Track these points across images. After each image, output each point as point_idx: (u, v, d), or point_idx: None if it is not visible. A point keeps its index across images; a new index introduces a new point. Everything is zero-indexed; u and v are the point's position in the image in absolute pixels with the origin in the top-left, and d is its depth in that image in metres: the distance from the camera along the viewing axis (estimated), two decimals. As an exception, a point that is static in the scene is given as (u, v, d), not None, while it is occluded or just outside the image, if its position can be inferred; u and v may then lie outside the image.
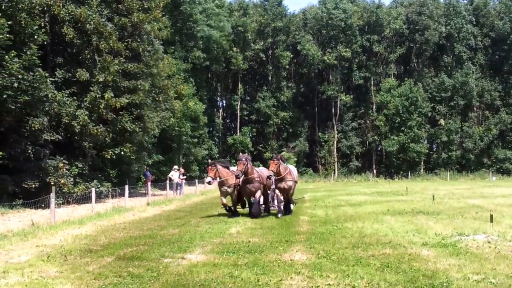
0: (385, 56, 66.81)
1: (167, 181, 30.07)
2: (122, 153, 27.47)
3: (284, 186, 15.98)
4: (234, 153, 59.27)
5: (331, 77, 66.70)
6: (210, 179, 15.93)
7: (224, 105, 70.39)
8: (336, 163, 64.56)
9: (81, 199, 22.49)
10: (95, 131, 24.96)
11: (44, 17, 24.74)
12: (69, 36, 24.62)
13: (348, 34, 63.96)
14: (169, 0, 37.86)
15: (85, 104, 25.15)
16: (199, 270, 7.85)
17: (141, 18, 28.34)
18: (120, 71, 26.81)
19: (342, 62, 64.91)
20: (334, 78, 66.05)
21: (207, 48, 53.13)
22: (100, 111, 25.58)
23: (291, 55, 65.25)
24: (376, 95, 65.42)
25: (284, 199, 16.42)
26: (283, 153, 58.48)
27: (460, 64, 66.32)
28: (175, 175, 31.75)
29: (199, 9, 51.12)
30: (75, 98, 24.77)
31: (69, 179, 23.37)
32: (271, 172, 15.54)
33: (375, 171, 63.86)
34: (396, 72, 68.86)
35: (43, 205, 18.66)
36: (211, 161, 16.77)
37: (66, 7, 24.83)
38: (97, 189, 23.82)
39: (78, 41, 25.35)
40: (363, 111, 66.58)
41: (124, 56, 27.44)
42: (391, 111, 61.54)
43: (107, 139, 26.29)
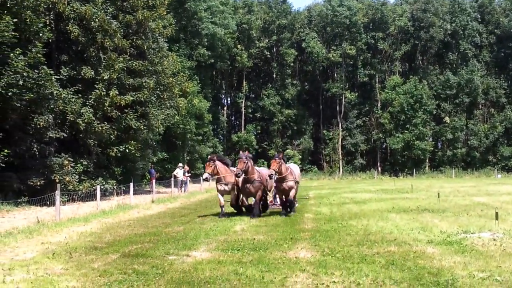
0: (390, 54, 66.69)
1: (172, 179, 30.09)
2: (127, 150, 27.53)
3: (285, 187, 15.29)
4: (239, 151, 59.02)
5: (335, 74, 66.68)
6: (207, 175, 15.05)
7: (229, 102, 70.50)
8: (340, 160, 64.54)
9: (86, 197, 22.53)
10: (100, 128, 25.03)
11: (49, 14, 24.77)
12: (74, 33, 24.66)
13: (353, 31, 63.89)
14: (174, -2, 37.92)
15: (90, 101, 25.20)
16: (204, 267, 7.85)
17: (145, 15, 28.38)
18: (125, 68, 26.85)
19: (346, 59, 64.85)
20: (338, 75, 66.00)
21: (211, 45, 53.11)
22: (105, 108, 25.63)
23: (296, 53, 65.27)
24: (381, 93, 65.32)
25: (284, 200, 15.75)
26: (287, 150, 58.57)
27: (465, 62, 66.18)
28: (179, 172, 31.80)
29: (204, 7, 51.18)
30: (80, 95, 24.83)
31: (74, 176, 23.41)
32: (271, 171, 14.71)
33: (379, 168, 63.71)
34: (401, 70, 68.84)
35: (48, 202, 18.71)
36: (211, 155, 15.87)
37: (71, 4, 24.86)
38: (102, 187, 23.84)
39: (83, 38, 25.36)
40: (367, 108, 66.50)
41: (128, 54, 27.52)
42: (396, 108, 61.39)
43: (112, 136, 26.36)
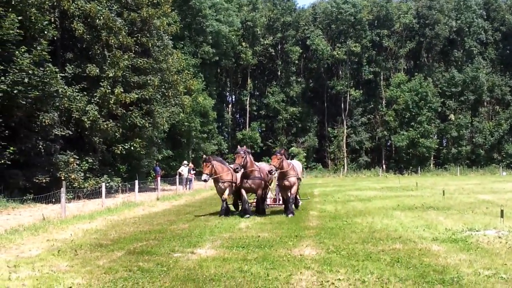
0: (394, 51, 66.42)
1: (177, 176, 30.14)
2: (132, 148, 27.63)
3: (286, 184, 14.90)
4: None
5: (340, 72, 66.50)
6: (206, 176, 14.81)
7: (234, 100, 70.43)
8: (345, 158, 64.42)
9: (91, 194, 22.63)
10: (105, 126, 25.12)
11: (54, 12, 24.86)
12: (79, 31, 24.73)
13: (357, 28, 63.65)
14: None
15: (95, 99, 25.30)
16: (209, 264, 7.86)
17: (150, 13, 28.40)
18: (130, 66, 26.92)
19: (351, 57, 64.61)
20: (343, 73, 65.81)
21: (216, 43, 53.06)
22: (110, 106, 25.71)
23: (301, 50, 65.07)
24: (385, 90, 65.06)
25: (286, 197, 15.23)
26: (292, 148, 58.52)
27: (471, 59, 65.81)
28: (184, 170, 31.85)
29: (208, 4, 51.12)
30: (85, 93, 24.92)
31: (80, 174, 23.52)
32: (272, 167, 14.36)
33: (384, 166, 63.54)
34: (406, 67, 68.55)
35: (53, 199, 18.80)
36: (205, 156, 15.65)
37: (75, 2, 24.93)
38: (107, 184, 23.94)
39: (88, 36, 25.44)
40: (372, 106, 66.26)
41: (133, 51, 27.60)
42: (400, 106, 61.15)
43: (117, 134, 26.44)
